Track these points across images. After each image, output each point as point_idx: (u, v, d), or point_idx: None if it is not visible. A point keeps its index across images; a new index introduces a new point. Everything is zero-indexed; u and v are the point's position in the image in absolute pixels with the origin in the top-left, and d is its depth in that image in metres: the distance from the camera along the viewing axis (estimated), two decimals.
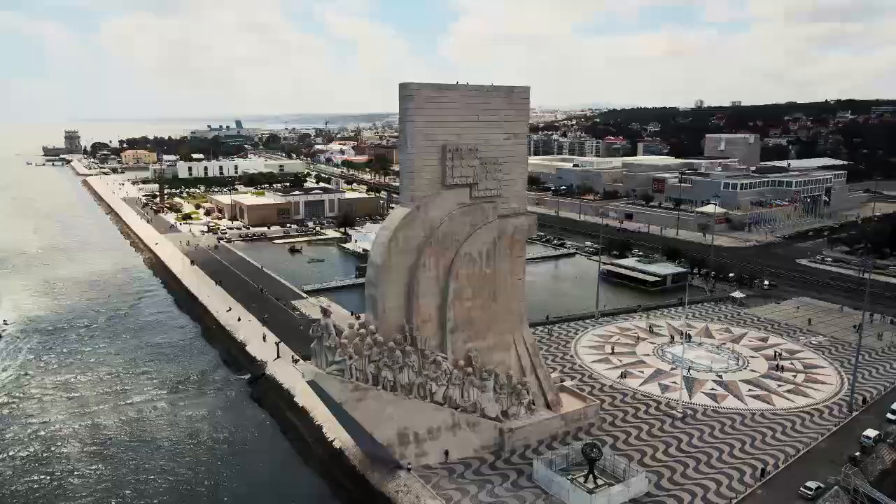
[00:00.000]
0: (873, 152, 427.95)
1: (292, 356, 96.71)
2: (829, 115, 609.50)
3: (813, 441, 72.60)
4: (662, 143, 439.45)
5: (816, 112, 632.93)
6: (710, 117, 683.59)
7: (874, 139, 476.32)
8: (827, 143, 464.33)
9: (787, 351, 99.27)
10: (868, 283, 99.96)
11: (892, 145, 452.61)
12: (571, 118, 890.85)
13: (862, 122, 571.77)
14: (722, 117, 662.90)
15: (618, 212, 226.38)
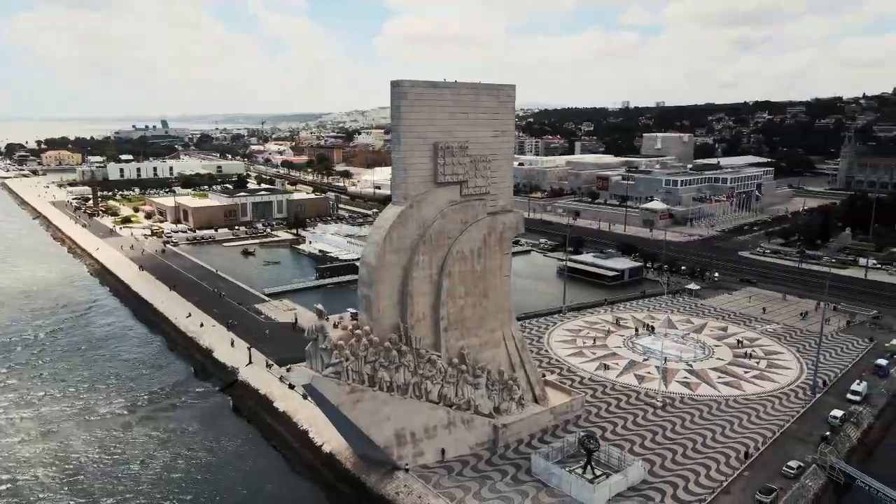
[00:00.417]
0: (792, 150, 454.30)
1: (266, 361, 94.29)
2: (749, 116, 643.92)
3: (785, 423, 76.56)
4: (598, 142, 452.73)
5: (736, 112, 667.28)
6: (638, 117, 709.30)
7: (791, 138, 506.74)
8: (749, 142, 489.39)
9: (747, 339, 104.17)
10: (829, 277, 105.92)
11: (807, 143, 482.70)
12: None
13: (778, 122, 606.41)
14: (651, 117, 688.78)
15: (566, 209, 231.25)
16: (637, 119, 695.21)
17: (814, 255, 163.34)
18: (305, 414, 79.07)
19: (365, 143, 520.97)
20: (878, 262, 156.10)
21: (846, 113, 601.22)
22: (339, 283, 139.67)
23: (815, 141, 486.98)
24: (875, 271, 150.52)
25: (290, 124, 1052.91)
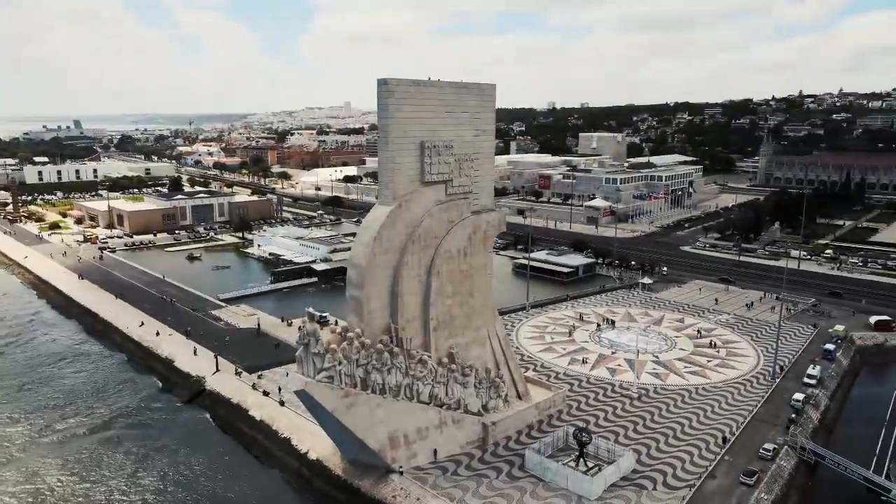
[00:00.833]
0: (712, 149, 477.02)
1: (235, 368, 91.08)
2: (671, 116, 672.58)
3: (753, 408, 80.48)
4: (532, 141, 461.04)
5: (659, 113, 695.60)
6: (567, 117, 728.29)
7: (711, 137, 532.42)
8: (674, 141, 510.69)
9: (704, 329, 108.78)
10: (786, 272, 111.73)
11: (725, 143, 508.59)
12: None
13: (698, 122, 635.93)
14: (579, 117, 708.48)
15: (510, 208, 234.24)
16: (566, 119, 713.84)
17: (749, 249, 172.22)
18: (285, 421, 77.03)
19: (299, 144, 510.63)
20: (808, 254, 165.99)
21: (758, 114, 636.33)
22: (294, 287, 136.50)
23: (733, 140, 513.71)
24: (806, 262, 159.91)
25: (215, 125, 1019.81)
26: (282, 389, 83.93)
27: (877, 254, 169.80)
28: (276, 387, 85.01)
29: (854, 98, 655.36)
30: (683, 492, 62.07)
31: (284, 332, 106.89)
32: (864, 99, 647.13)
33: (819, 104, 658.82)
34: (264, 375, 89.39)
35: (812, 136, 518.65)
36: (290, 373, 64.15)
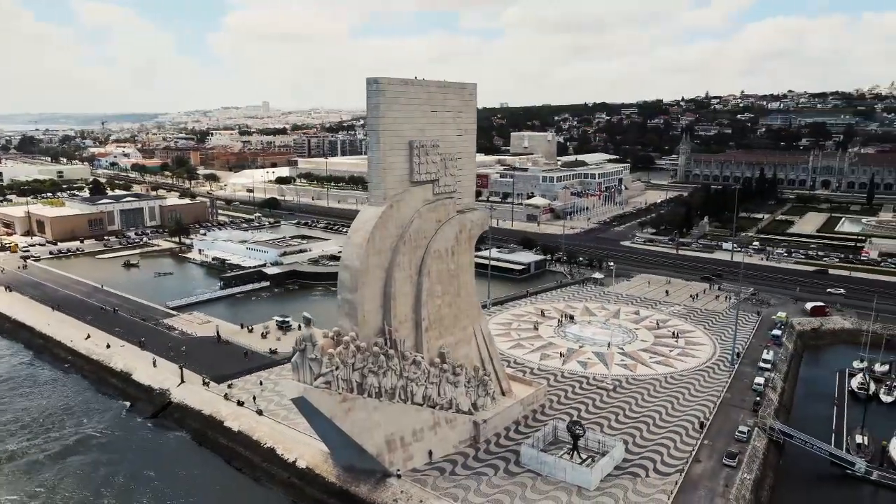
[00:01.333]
0: (632, 147, 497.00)
1: (203, 378, 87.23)
2: (591, 116, 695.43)
3: (720, 393, 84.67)
4: None
5: (579, 113, 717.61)
6: (490, 117, 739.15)
7: (630, 136, 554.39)
8: (596, 140, 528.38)
9: (660, 321, 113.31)
10: (743, 266, 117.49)
11: (643, 142, 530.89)
12: (359, 118, 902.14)
13: (616, 122, 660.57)
14: (503, 117, 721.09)
15: None
16: (489, 119, 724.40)
17: (684, 242, 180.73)
18: (266, 431, 74.62)
19: (221, 144, 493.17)
20: (738, 246, 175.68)
21: (671, 114, 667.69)
22: (246, 292, 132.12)
23: (651, 139, 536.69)
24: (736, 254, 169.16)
25: (123, 124, 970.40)
26: (256, 398, 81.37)
27: (797, 244, 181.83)
28: (250, 396, 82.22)
29: (755, 99, 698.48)
30: (675, 477, 64.54)
31: (246, 339, 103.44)
32: (763, 100, 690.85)
33: (724, 105, 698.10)
34: (235, 384, 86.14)
35: (721, 136, 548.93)
36: (283, 380, 61.99)
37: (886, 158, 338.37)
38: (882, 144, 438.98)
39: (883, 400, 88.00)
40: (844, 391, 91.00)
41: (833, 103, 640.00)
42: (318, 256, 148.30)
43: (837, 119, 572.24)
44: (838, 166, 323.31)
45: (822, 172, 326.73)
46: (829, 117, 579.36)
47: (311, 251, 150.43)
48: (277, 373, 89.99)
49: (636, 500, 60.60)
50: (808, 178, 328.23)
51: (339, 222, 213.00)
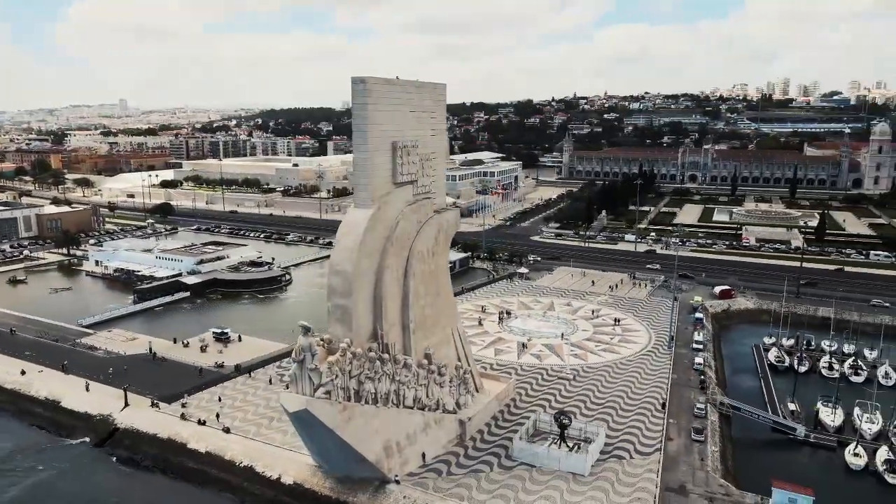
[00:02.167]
0: (514, 146, 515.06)
1: (152, 400, 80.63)
2: (470, 115, 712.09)
3: (668, 374, 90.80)
4: (348, 141, 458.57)
5: (458, 112, 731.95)
6: None
7: (511, 134, 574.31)
8: (480, 140, 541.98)
9: (593, 310, 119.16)
10: (677, 259, 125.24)
11: (524, 140, 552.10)
12: (229, 118, 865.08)
13: (495, 121, 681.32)
14: None
15: None
16: None
17: (590, 235, 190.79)
18: (238, 449, 70.61)
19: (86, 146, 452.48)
20: (638, 237, 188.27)
21: (545, 114, 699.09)
22: (165, 304, 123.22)
23: (531, 138, 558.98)
24: (638, 244, 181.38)
25: None
26: (220, 416, 76.63)
27: (686, 234, 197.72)
28: (209, 414, 77.20)
29: (617, 100, 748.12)
30: (655, 456, 68.67)
31: (183, 355, 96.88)
32: (625, 101, 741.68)
33: (591, 105, 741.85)
34: (189, 403, 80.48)
35: (593, 134, 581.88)
36: (284, 394, 58.89)
37: (743, 154, 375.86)
38: (731, 141, 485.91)
39: (799, 370, 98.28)
40: (765, 364, 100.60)
41: (685, 104, 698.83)
42: (237, 263, 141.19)
43: (690, 119, 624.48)
44: (703, 162, 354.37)
45: (689, 168, 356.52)
46: (683, 117, 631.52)
47: (229, 258, 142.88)
48: (232, 387, 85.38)
49: (629, 480, 63.88)
50: (677, 173, 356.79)
51: (246, 227, 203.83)
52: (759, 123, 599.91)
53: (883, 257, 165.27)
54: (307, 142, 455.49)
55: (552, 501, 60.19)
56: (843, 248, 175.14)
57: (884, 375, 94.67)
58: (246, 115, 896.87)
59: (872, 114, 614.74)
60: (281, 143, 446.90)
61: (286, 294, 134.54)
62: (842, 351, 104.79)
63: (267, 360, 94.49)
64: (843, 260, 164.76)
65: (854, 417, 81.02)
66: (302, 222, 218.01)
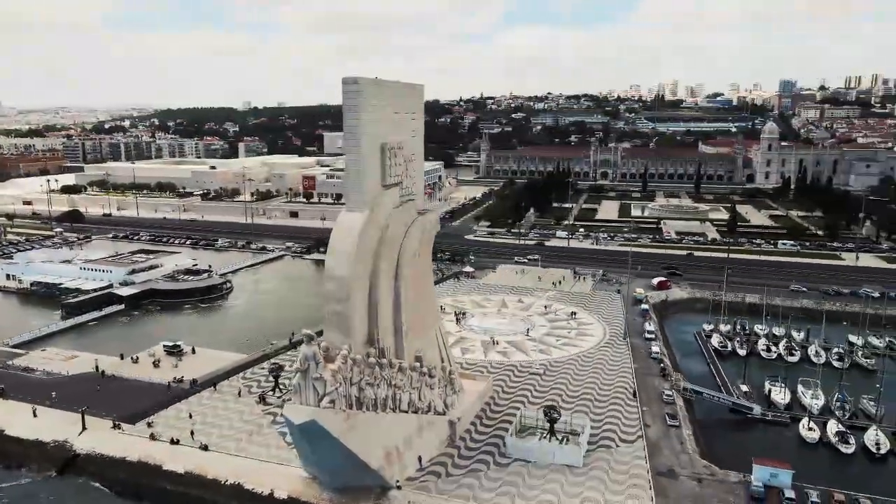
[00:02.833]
0: (427, 145, 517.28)
1: (113, 421, 75.23)
2: None
3: (630, 364, 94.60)
4: (260, 142, 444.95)
5: None
6: (279, 117, 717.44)
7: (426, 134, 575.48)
8: None
9: (546, 306, 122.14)
10: (631, 255, 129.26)
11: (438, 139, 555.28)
12: (121, 118, 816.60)
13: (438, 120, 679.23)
14: (293, 117, 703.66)
15: (283, 211, 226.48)
16: (278, 119, 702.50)
17: (523, 233, 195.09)
18: (221, 467, 67.36)
19: None
20: (569, 234, 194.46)
21: (454, 113, 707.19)
22: (99, 318, 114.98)
23: (442, 137, 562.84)
24: (572, 240, 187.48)
25: None
26: (194, 433, 72.66)
27: (610, 229, 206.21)
28: (180, 432, 73.04)
29: (523, 100, 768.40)
30: (640, 443, 71.60)
31: (134, 371, 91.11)
32: (531, 101, 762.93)
33: (499, 105, 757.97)
34: (156, 422, 75.79)
35: (503, 133, 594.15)
36: (288, 405, 56.60)
37: (649, 152, 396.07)
38: (633, 140, 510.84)
39: (740, 354, 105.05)
40: (710, 350, 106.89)
41: (586, 104, 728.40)
42: (173, 272, 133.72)
43: (593, 118, 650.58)
44: (612, 160, 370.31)
45: (600, 165, 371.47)
46: (586, 116, 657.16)
47: (163, 266, 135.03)
48: (199, 403, 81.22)
49: (621, 468, 66.30)
50: (590, 171, 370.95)
51: (167, 234, 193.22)
52: (655, 123, 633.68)
53: (790, 245, 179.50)
54: (216, 143, 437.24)
55: (555, 494, 61.50)
56: (753, 238, 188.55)
57: (815, 354, 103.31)
58: (139, 115, 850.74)
59: (754, 113, 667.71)
60: (189, 144, 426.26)
61: (229, 302, 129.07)
62: (773, 333, 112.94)
63: (228, 371, 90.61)
64: (752, 249, 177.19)
65: (799, 395, 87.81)
66: (227, 227, 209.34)
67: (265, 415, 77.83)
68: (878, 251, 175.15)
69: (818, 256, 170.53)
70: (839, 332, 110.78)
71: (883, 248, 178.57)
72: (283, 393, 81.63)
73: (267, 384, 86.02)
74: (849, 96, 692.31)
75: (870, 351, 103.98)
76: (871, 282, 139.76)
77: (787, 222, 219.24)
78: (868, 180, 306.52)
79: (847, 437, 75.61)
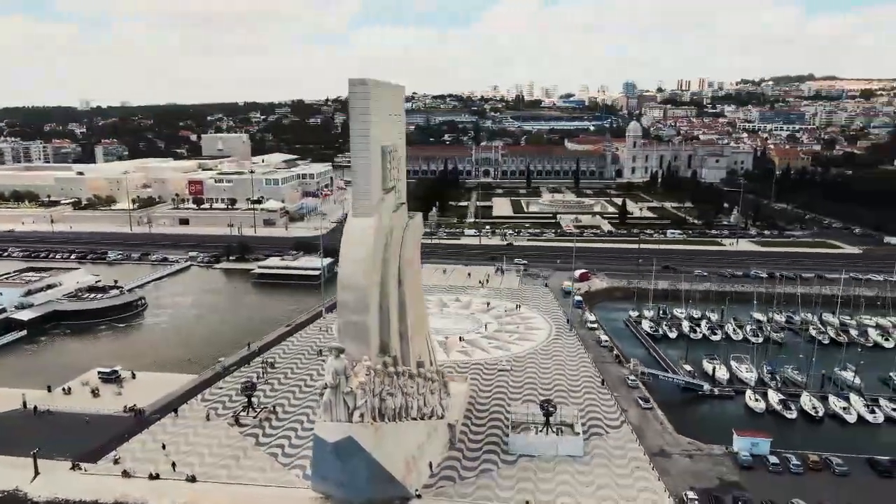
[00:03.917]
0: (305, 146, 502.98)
1: (72, 462, 66.91)
2: (246, 115, 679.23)
3: (584, 353, 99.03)
4: (119, 145, 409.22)
5: (232, 112, 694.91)
6: (132, 117, 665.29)
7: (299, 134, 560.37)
8: (273, 140, 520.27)
9: (488, 302, 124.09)
10: (573, 251, 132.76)
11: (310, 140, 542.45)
12: None
13: (276, 121, 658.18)
14: (147, 117, 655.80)
15: (173, 218, 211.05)
16: (131, 119, 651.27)
17: (432, 232, 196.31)
18: (219, 496, 62.55)
19: None
20: (477, 232, 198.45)
21: (324, 113, 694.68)
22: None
23: (317, 137, 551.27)
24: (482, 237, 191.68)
25: None
26: (176, 465, 66.49)
27: (511, 225, 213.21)
28: (155, 465, 66.56)
29: None
30: (626, 428, 75.50)
31: (70, 404, 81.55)
32: None
33: None
34: (122, 457, 68.37)
35: None
36: (319, 423, 53.61)
37: (529, 150, 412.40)
38: (503, 138, 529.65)
39: (671, 337, 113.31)
40: (643, 335, 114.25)
41: (452, 104, 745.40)
42: (75, 290, 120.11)
43: (462, 118, 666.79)
44: (494, 158, 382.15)
45: (482, 164, 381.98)
46: (455, 116, 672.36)
47: (62, 285, 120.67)
48: (164, 431, 74.28)
49: (619, 453, 69.65)
50: (472, 169, 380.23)
51: (49, 248, 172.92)
52: (521, 122, 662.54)
53: (678, 234, 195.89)
54: (67, 146, 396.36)
55: (570, 486, 63.39)
56: (644, 229, 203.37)
57: (733, 332, 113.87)
58: None
59: (607, 113, 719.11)
60: (35, 147, 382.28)
61: (149, 320, 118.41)
62: (691, 316, 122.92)
63: (183, 395, 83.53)
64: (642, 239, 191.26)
65: (734, 370, 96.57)
66: (109, 238, 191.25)
67: (244, 437, 72.87)
68: (749, 237, 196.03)
69: (702, 243, 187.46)
70: (745, 311, 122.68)
71: (752, 233, 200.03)
72: (257, 413, 76.94)
73: (232, 404, 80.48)
74: (683, 97, 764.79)
75: (778, 325, 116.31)
76: (757, 264, 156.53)
77: (663, 213, 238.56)
78: (718, 173, 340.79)
79: (788, 404, 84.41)
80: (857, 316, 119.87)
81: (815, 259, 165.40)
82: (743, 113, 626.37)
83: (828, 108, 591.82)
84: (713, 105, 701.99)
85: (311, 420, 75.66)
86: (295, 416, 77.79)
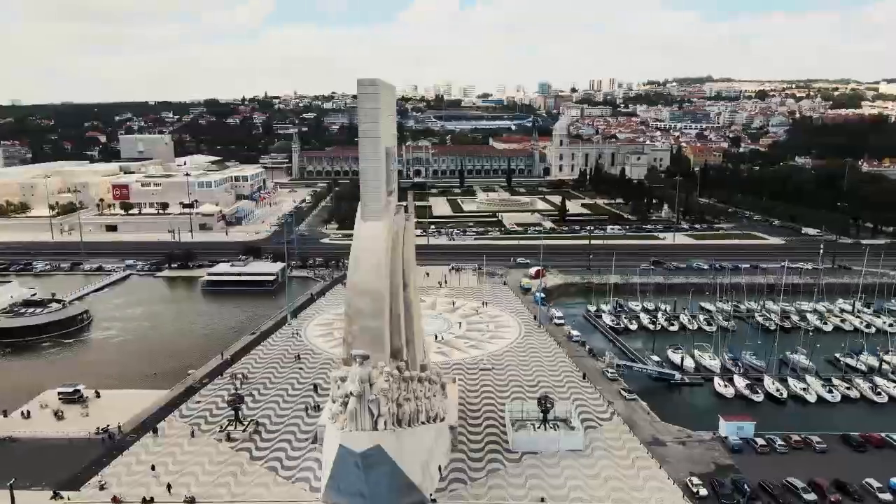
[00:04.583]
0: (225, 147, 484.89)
1: (53, 491, 61.82)
2: (158, 115, 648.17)
3: (559, 349, 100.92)
4: (23, 147, 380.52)
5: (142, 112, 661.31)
6: (27, 117, 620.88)
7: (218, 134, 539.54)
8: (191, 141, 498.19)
9: (453, 301, 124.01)
10: (535, 249, 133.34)
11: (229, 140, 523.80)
12: None
13: (191, 121, 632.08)
14: (48, 117, 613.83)
15: (97, 225, 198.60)
16: (27, 120, 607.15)
17: None
18: None
19: None
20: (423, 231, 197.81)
21: (241, 113, 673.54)
22: None
23: (237, 138, 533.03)
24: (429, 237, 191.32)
25: None
26: (171, 487, 62.76)
27: (456, 224, 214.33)
28: (145, 488, 62.63)
29: (310, 99, 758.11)
30: (616, 419, 77.56)
31: (34, 428, 75.60)
32: (318, 100, 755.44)
33: (286, 104, 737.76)
34: (109, 482, 63.84)
35: (301, 134, 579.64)
36: (344, 433, 51.92)
37: (459, 150, 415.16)
38: (428, 138, 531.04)
39: (631, 329, 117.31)
40: (605, 328, 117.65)
41: None
42: (9, 305, 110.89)
43: None
44: (424, 157, 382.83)
45: (413, 163, 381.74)
46: None
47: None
48: (147, 452, 69.83)
49: (617, 444, 71.51)
50: (403, 169, 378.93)
51: None
52: (444, 121, 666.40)
53: (617, 230, 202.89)
54: None
55: (580, 479, 64.51)
56: (585, 225, 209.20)
57: (688, 322, 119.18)
58: None
59: (526, 112, 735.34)
60: None
61: (96, 334, 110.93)
62: (646, 308, 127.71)
63: (157, 413, 78.86)
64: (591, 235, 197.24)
65: (698, 358, 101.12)
66: (29, 247, 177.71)
67: (236, 452, 69.68)
68: (682, 230, 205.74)
69: (641, 238, 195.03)
70: (693, 301, 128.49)
71: (685, 227, 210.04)
72: (245, 426, 73.71)
73: (214, 419, 76.78)
74: (597, 97, 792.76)
75: (727, 314, 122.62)
76: (695, 256, 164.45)
77: (597, 210, 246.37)
78: (640, 170, 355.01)
79: (755, 388, 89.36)
80: (795, 303, 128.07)
81: (745, 250, 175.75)
82: (654, 112, 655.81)
83: (730, 109, 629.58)
84: (626, 105, 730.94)
85: (303, 430, 73.77)
86: (285, 426, 75.10)
